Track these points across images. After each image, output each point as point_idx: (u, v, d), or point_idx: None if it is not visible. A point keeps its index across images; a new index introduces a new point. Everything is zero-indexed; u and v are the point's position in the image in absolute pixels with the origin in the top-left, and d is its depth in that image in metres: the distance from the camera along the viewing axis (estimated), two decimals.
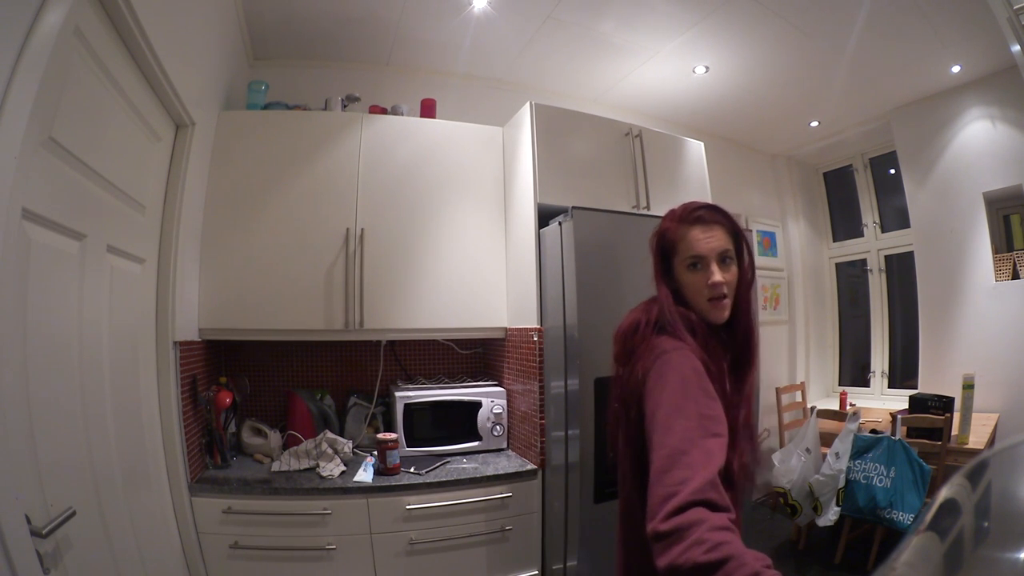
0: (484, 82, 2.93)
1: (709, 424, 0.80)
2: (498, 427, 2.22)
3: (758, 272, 1.08)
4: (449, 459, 2.11)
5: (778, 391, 3.55)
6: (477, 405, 2.22)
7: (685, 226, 1.01)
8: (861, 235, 4.02)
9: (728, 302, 0.99)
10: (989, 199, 3.04)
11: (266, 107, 2.27)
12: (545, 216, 2.02)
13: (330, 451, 1.99)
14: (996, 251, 3.02)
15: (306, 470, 1.92)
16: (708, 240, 0.98)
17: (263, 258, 2.05)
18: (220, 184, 2.03)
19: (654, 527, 0.67)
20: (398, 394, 2.18)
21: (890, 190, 3.83)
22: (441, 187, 2.26)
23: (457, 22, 2.37)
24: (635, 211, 2.22)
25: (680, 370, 0.88)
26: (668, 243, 1.04)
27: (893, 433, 2.52)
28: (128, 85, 1.34)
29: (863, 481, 2.49)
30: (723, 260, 0.99)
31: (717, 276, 0.97)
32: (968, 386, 2.58)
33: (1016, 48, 1.66)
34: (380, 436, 1.95)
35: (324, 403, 2.29)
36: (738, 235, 1.02)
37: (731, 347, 1.02)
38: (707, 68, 2.83)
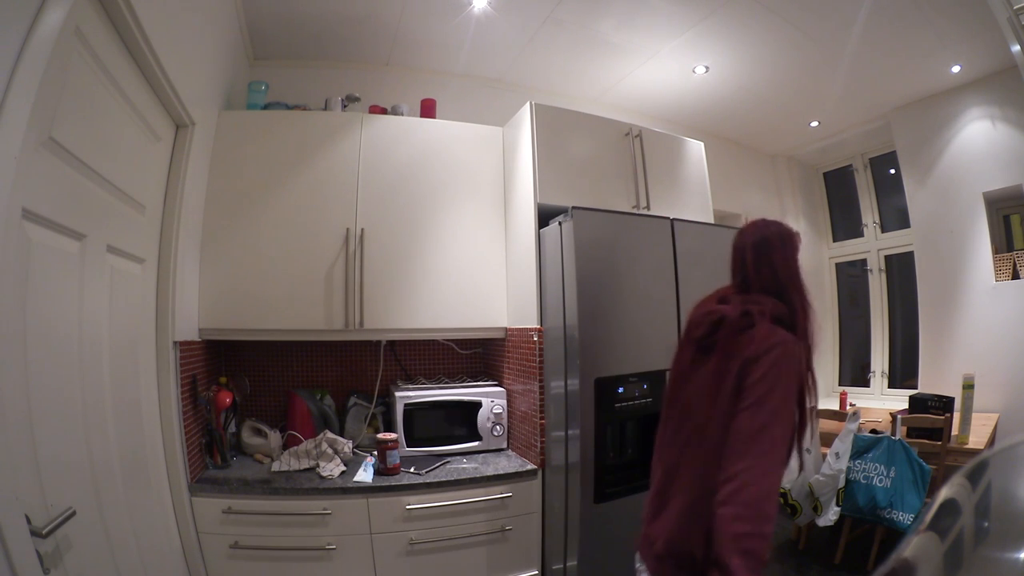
0: (484, 82, 2.93)
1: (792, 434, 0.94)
2: (498, 427, 2.22)
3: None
4: (449, 459, 2.11)
5: None
6: (477, 405, 2.22)
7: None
8: (861, 235, 4.02)
9: None
10: (989, 199, 3.04)
11: (266, 107, 2.27)
12: (545, 216, 2.02)
13: (330, 451, 1.99)
14: (996, 251, 3.02)
15: (306, 470, 1.92)
16: None
17: (263, 258, 2.05)
18: (220, 184, 2.02)
19: (743, 522, 0.82)
20: (398, 394, 2.18)
21: (890, 190, 3.83)
22: (441, 187, 2.26)
23: (457, 22, 2.37)
24: (635, 211, 2.23)
25: (797, 369, 0.96)
26: None
27: (893, 433, 2.52)
28: (128, 85, 1.34)
29: (863, 481, 2.48)
30: None
31: None
32: (968, 386, 2.58)
33: (1016, 48, 1.66)
34: (380, 436, 1.95)
35: (324, 403, 2.29)
36: None
37: None
38: (707, 68, 2.83)
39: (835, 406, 3.43)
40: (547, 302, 1.99)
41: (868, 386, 3.91)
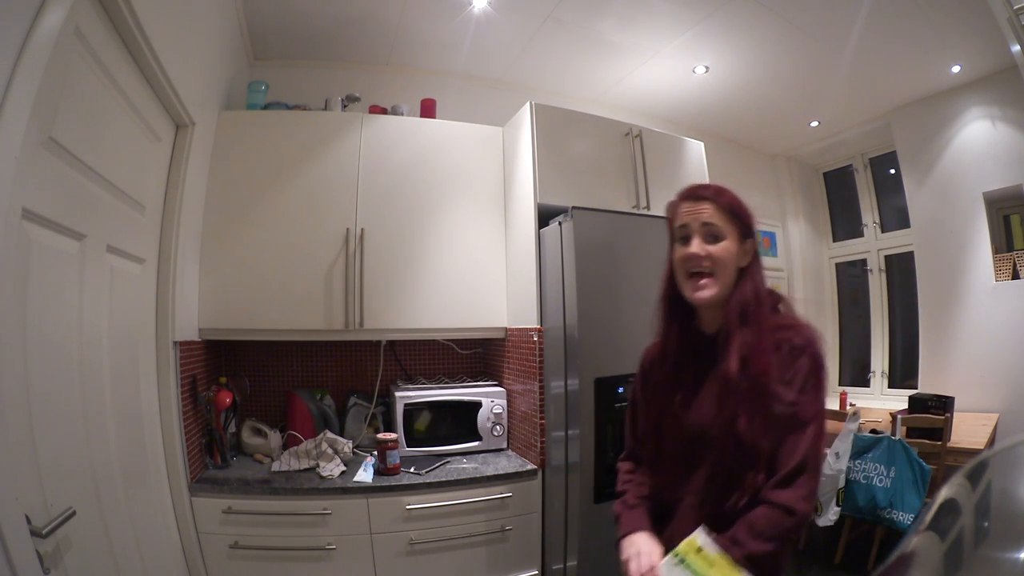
0: (484, 82, 2.93)
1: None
2: (498, 427, 2.22)
3: None
4: (449, 459, 2.11)
5: None
6: (477, 405, 2.22)
7: (679, 200, 1.03)
8: (861, 235, 4.02)
9: (710, 282, 0.94)
10: (989, 199, 3.04)
11: (266, 107, 2.27)
12: (545, 216, 2.02)
13: (330, 451, 1.99)
14: (996, 251, 3.02)
15: (306, 470, 1.92)
16: (693, 212, 0.97)
17: (263, 258, 2.05)
18: (220, 184, 2.02)
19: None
20: (398, 394, 2.18)
21: (890, 190, 3.83)
22: (441, 187, 2.26)
23: (457, 22, 2.37)
24: (635, 211, 2.22)
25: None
26: (669, 220, 1.06)
27: (893, 433, 2.52)
28: (128, 85, 1.34)
29: (863, 481, 2.48)
30: (710, 235, 0.95)
31: (694, 247, 0.94)
32: None
33: (1016, 48, 1.66)
34: (380, 436, 1.95)
35: (324, 403, 2.29)
36: (736, 214, 0.98)
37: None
38: (707, 68, 2.83)
39: (835, 406, 3.43)
40: (547, 302, 1.98)
41: (868, 386, 3.91)
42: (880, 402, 3.68)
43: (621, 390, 1.84)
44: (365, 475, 1.87)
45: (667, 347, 1.03)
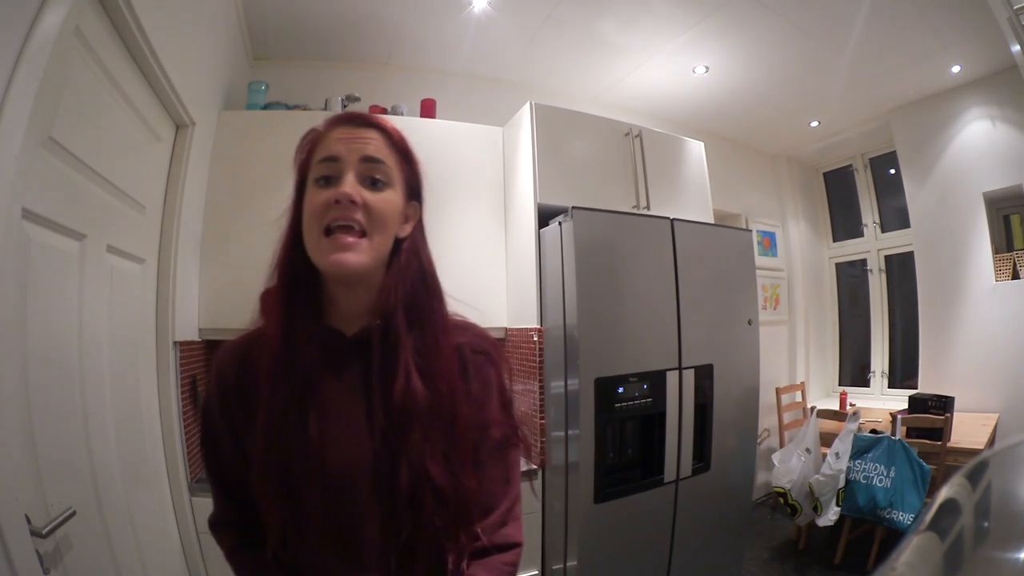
0: (484, 82, 2.93)
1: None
2: None
3: (758, 272, 0.96)
4: None
5: (778, 391, 3.55)
6: None
7: (328, 125, 0.71)
8: (861, 235, 4.02)
9: (362, 244, 0.64)
10: (989, 199, 3.04)
11: (266, 107, 2.27)
12: (545, 216, 2.02)
13: None
14: (996, 251, 3.02)
15: None
16: (353, 140, 0.66)
17: (263, 258, 2.02)
18: (220, 184, 2.02)
19: None
20: None
21: (890, 190, 3.83)
22: (441, 187, 2.25)
23: (457, 22, 2.37)
24: (635, 211, 2.23)
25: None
26: (303, 157, 0.73)
27: (893, 433, 2.52)
28: (128, 85, 1.34)
29: (863, 481, 2.49)
30: (370, 177, 0.66)
31: (348, 186, 0.63)
32: None
33: (1016, 48, 1.66)
34: None
35: None
36: (408, 159, 0.73)
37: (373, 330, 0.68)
38: (707, 68, 2.83)
39: (835, 406, 3.43)
40: (547, 302, 1.98)
41: (868, 386, 3.91)
42: (880, 402, 3.68)
43: (621, 390, 1.84)
44: None
45: (287, 346, 0.68)
